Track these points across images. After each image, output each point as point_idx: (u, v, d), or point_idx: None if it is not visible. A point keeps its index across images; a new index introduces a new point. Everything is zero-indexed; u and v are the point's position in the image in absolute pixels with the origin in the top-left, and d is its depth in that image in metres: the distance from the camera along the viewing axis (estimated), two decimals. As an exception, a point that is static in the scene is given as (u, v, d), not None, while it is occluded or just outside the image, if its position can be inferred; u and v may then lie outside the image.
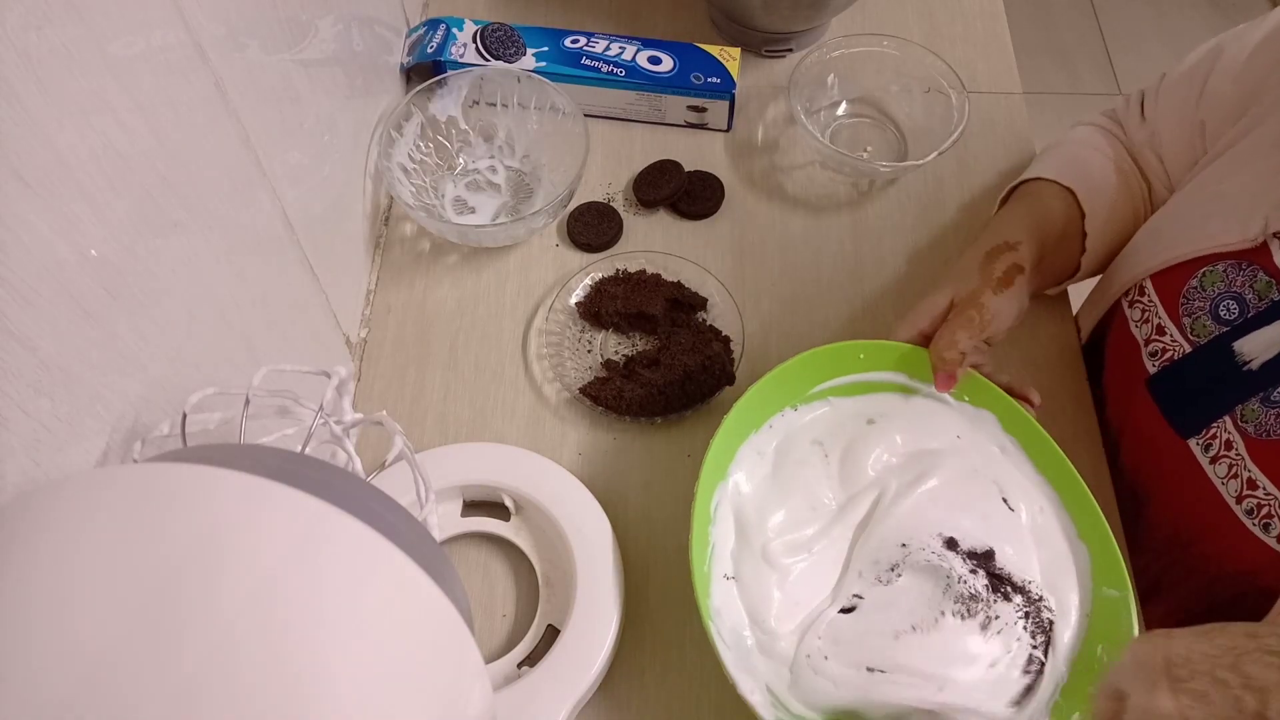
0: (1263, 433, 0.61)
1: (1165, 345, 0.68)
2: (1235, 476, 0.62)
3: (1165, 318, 0.68)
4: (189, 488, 0.35)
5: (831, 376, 0.68)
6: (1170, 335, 0.67)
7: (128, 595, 0.31)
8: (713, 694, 0.65)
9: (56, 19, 0.38)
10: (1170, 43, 2.18)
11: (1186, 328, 0.66)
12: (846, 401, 0.69)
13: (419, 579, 0.37)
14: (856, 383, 0.68)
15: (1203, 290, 0.65)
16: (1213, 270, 0.65)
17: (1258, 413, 0.61)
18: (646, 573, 0.69)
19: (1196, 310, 0.66)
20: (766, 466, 0.66)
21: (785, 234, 0.84)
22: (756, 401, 0.65)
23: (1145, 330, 0.70)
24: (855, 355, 0.68)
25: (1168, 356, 0.68)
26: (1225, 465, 0.63)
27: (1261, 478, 0.61)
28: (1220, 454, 0.63)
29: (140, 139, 0.44)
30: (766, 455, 0.67)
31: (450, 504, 0.70)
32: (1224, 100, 0.70)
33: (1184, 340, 0.66)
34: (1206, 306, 0.65)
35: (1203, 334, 0.65)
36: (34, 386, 0.38)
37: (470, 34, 0.87)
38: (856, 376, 0.68)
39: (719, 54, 0.87)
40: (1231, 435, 0.63)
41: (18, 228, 0.36)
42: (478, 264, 0.82)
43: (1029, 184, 0.77)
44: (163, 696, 0.30)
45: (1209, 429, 0.64)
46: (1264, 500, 0.61)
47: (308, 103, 0.65)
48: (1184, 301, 0.66)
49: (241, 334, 0.57)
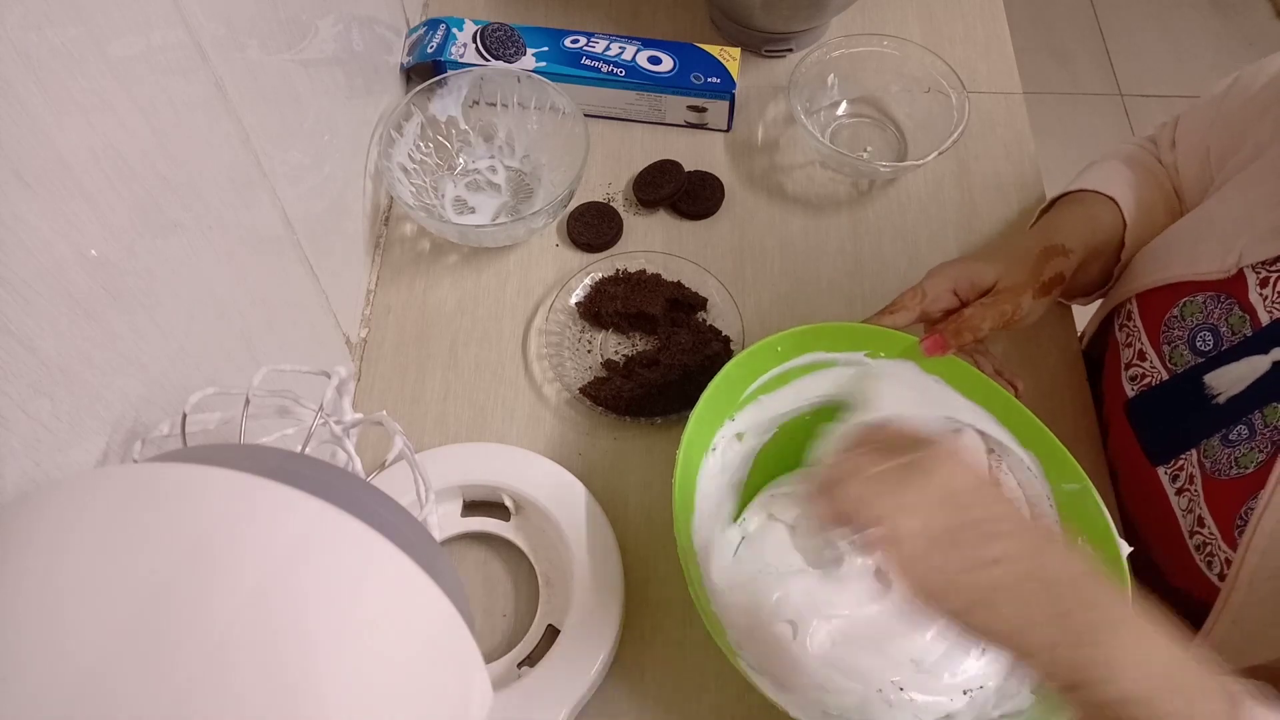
0: (1216, 471, 0.61)
1: (1145, 371, 0.68)
2: (1190, 511, 0.63)
3: (1147, 343, 0.68)
4: (188, 488, 0.35)
5: (754, 378, 0.68)
6: (1150, 361, 0.68)
7: (123, 600, 0.31)
8: (713, 694, 0.65)
9: (56, 19, 0.38)
10: (1170, 43, 2.18)
11: (1166, 355, 0.66)
12: (773, 397, 0.69)
13: (419, 579, 0.37)
14: (781, 374, 0.69)
15: (1182, 320, 0.65)
16: (1193, 301, 0.65)
17: (1215, 450, 0.61)
18: (646, 573, 0.69)
19: (1176, 339, 0.66)
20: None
21: (785, 234, 0.84)
22: (706, 417, 0.65)
23: (1128, 354, 0.70)
24: (773, 349, 0.68)
25: (1146, 382, 0.68)
26: (1186, 499, 0.63)
27: (1209, 517, 0.61)
28: (1184, 487, 0.64)
29: (140, 139, 0.44)
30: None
31: (450, 504, 0.70)
32: (1230, 128, 0.70)
33: (1163, 368, 0.67)
34: (1185, 336, 0.65)
35: (1180, 363, 0.65)
36: (34, 386, 0.38)
37: (470, 34, 0.87)
38: (778, 369, 0.68)
39: (719, 54, 0.87)
40: (1194, 470, 0.63)
41: (18, 228, 0.36)
42: (478, 264, 0.82)
43: (1082, 194, 0.75)
44: (159, 702, 0.30)
45: (1177, 460, 0.64)
46: (1208, 539, 0.61)
47: (308, 103, 0.65)
48: (1164, 329, 0.67)
49: (241, 334, 0.57)
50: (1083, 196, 0.75)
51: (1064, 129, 2.00)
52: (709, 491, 0.66)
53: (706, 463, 0.66)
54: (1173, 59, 2.15)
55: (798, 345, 0.68)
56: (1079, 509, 0.63)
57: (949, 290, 0.69)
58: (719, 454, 0.67)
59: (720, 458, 0.67)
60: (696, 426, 0.63)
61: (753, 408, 0.68)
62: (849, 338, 0.68)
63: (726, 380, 0.66)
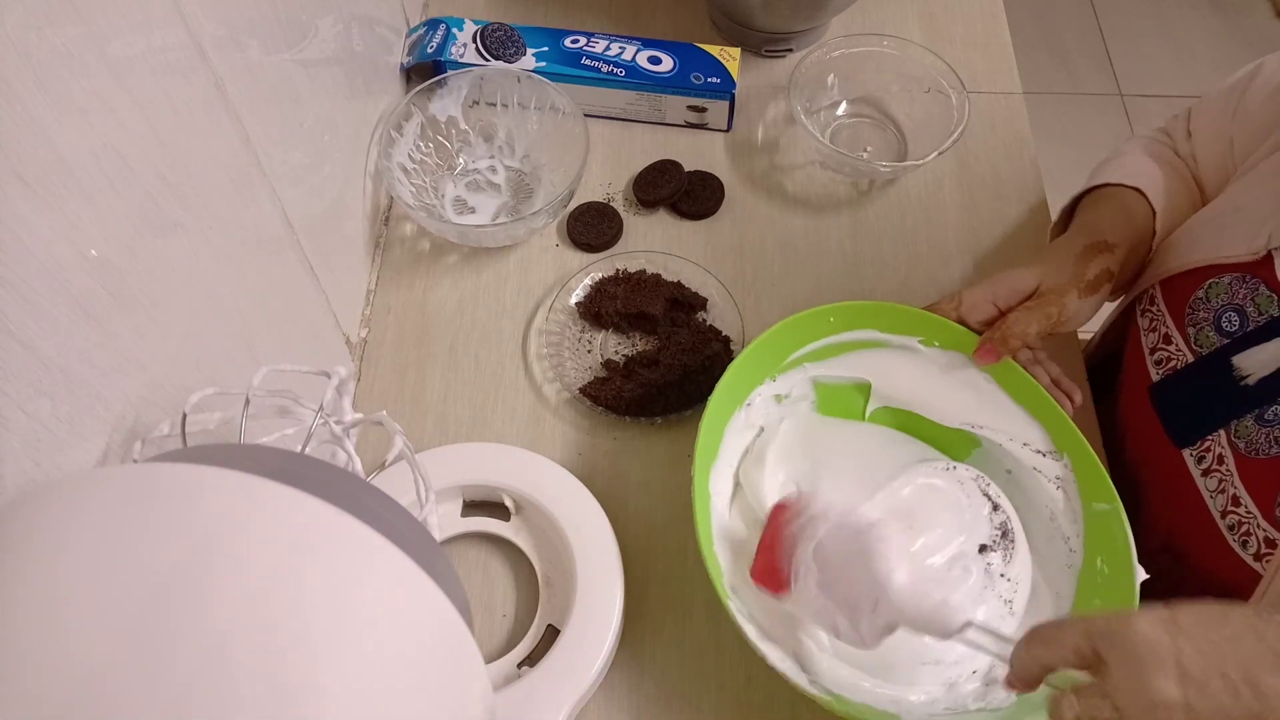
0: (1252, 451, 0.61)
1: (1170, 354, 0.68)
2: (1222, 491, 0.63)
3: (1172, 326, 0.68)
4: (188, 488, 0.35)
5: (802, 344, 0.69)
6: (1175, 344, 0.67)
7: (122, 600, 0.31)
8: (713, 694, 0.65)
9: (56, 19, 0.38)
10: (1170, 42, 2.18)
11: (1191, 338, 0.66)
12: (819, 366, 0.70)
13: (419, 579, 0.37)
14: (830, 345, 0.70)
15: (1207, 301, 0.65)
16: (1218, 282, 0.65)
17: (1250, 430, 0.61)
18: (646, 573, 0.69)
19: (1201, 321, 0.66)
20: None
21: (785, 234, 0.84)
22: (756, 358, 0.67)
23: (1152, 339, 0.70)
24: (825, 319, 0.68)
25: (1171, 365, 0.68)
26: (1215, 479, 0.63)
27: (1245, 495, 0.61)
28: (1212, 467, 0.64)
29: (140, 139, 0.44)
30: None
31: (450, 504, 0.70)
32: (1254, 118, 0.70)
33: (1188, 350, 0.66)
34: (1210, 318, 0.65)
35: (1206, 345, 0.65)
36: (34, 386, 0.38)
37: (470, 34, 0.87)
38: (827, 340, 0.69)
39: (719, 54, 0.87)
40: (1224, 450, 0.63)
41: (18, 228, 0.36)
42: (478, 264, 0.82)
43: (1111, 188, 0.75)
44: (159, 702, 0.30)
45: (1203, 441, 0.64)
46: (1244, 518, 0.61)
47: (308, 103, 0.65)
48: (1189, 312, 0.66)
49: (241, 334, 0.57)
50: (1112, 191, 0.75)
51: (1064, 129, 2.00)
52: (733, 444, 0.68)
53: (737, 415, 0.68)
54: (1173, 59, 2.15)
55: (850, 319, 0.68)
56: (1105, 530, 0.63)
57: (987, 300, 0.68)
58: (753, 409, 0.69)
59: (751, 414, 0.69)
60: (735, 377, 0.65)
61: (796, 373, 0.70)
62: (904, 320, 0.69)
63: (773, 340, 0.67)
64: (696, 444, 0.62)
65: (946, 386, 0.70)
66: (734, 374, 0.65)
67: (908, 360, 0.70)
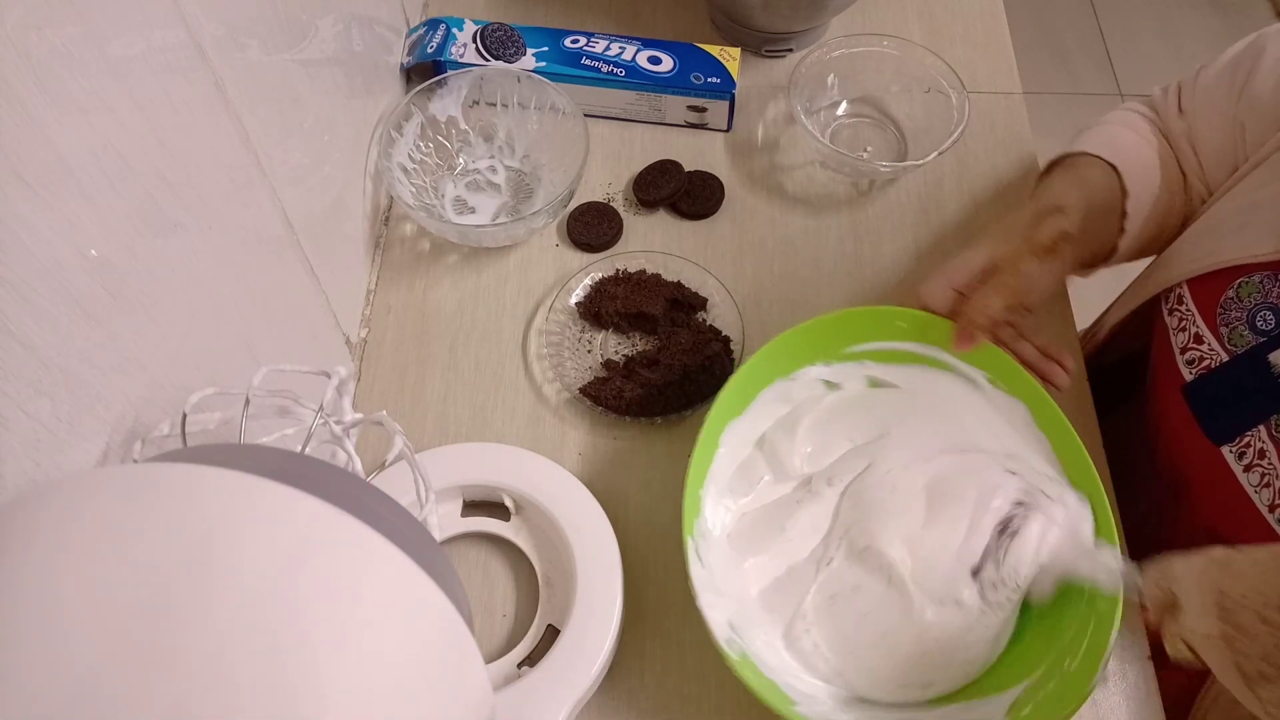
0: None
1: (1203, 354, 0.67)
2: (1268, 485, 0.62)
3: (1203, 326, 0.67)
4: (188, 488, 0.35)
5: (865, 340, 0.68)
6: (1208, 344, 0.67)
7: (122, 600, 0.31)
8: (713, 694, 0.65)
9: (56, 19, 0.38)
10: (1170, 42, 2.18)
11: (1224, 338, 0.66)
12: (881, 369, 0.70)
13: (419, 579, 0.37)
14: (897, 351, 0.69)
15: (1239, 301, 0.65)
16: (1248, 281, 0.65)
17: None
18: (646, 573, 0.69)
19: (1234, 320, 0.65)
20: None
21: (785, 234, 0.84)
22: (783, 351, 0.67)
23: (1182, 338, 0.70)
24: (892, 321, 0.68)
25: (1205, 365, 0.67)
26: (1258, 474, 0.63)
27: None
28: (1254, 462, 0.63)
29: (140, 139, 0.44)
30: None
31: (450, 504, 0.70)
32: (1265, 106, 0.69)
33: (1222, 350, 0.66)
34: (1244, 317, 0.65)
35: (1240, 344, 0.65)
36: (34, 386, 0.38)
37: (470, 34, 0.87)
38: (892, 344, 0.68)
39: (719, 54, 0.87)
40: (1265, 445, 0.63)
41: (18, 228, 0.36)
42: (478, 264, 0.82)
43: (1073, 157, 0.76)
44: (158, 703, 0.30)
45: (1243, 437, 0.64)
46: None
47: (308, 103, 0.65)
48: (1221, 312, 0.66)
49: (241, 334, 0.57)
50: (1070, 161, 0.75)
51: (1064, 129, 1.98)
52: (762, 411, 0.68)
53: (778, 383, 0.68)
54: (1173, 59, 2.15)
55: (919, 331, 0.67)
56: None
57: (945, 287, 0.67)
58: (797, 384, 0.69)
59: (793, 388, 0.69)
60: (781, 347, 0.66)
61: (854, 366, 0.69)
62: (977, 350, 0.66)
63: (833, 324, 0.67)
64: (720, 393, 0.63)
65: (997, 433, 0.67)
66: (781, 344, 0.65)
67: (968, 392, 0.68)
